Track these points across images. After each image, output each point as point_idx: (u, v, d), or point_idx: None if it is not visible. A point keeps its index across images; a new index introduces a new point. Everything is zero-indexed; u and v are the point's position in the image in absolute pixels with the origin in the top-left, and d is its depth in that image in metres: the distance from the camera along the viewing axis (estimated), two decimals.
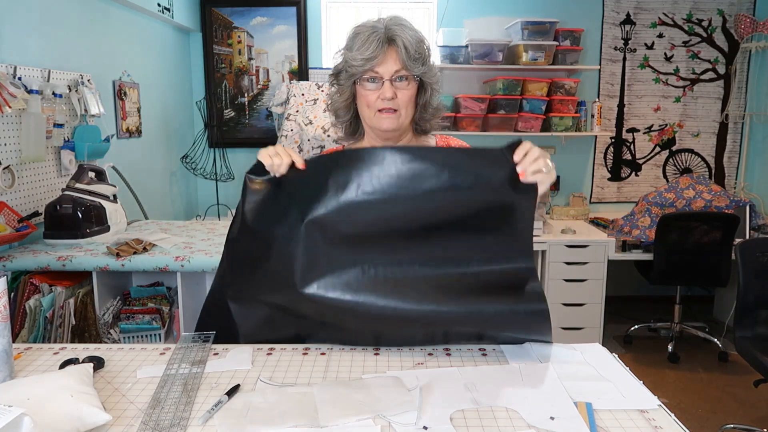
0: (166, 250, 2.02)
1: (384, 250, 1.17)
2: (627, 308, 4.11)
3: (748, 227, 3.39)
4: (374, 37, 1.25)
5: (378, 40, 1.25)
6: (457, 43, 3.66)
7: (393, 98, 1.28)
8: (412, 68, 1.27)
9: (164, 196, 3.49)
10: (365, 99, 1.30)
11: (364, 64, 1.25)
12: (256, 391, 1.06)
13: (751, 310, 2.48)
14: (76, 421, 0.90)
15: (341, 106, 1.37)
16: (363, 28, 1.28)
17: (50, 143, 2.22)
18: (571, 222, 3.75)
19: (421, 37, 1.30)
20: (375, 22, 1.29)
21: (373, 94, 1.29)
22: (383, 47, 1.25)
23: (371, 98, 1.29)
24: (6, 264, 1.88)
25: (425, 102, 1.34)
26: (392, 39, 1.26)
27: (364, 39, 1.25)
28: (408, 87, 1.29)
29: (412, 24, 1.31)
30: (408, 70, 1.27)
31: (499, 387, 1.08)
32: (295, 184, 1.20)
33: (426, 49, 1.31)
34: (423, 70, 1.30)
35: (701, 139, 4.10)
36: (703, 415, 2.79)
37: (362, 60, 1.25)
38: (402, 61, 1.26)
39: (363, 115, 1.35)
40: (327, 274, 1.17)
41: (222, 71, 3.93)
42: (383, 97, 1.27)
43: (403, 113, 1.31)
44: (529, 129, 3.73)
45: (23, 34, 2.11)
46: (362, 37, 1.26)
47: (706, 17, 3.94)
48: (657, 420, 0.97)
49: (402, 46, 1.25)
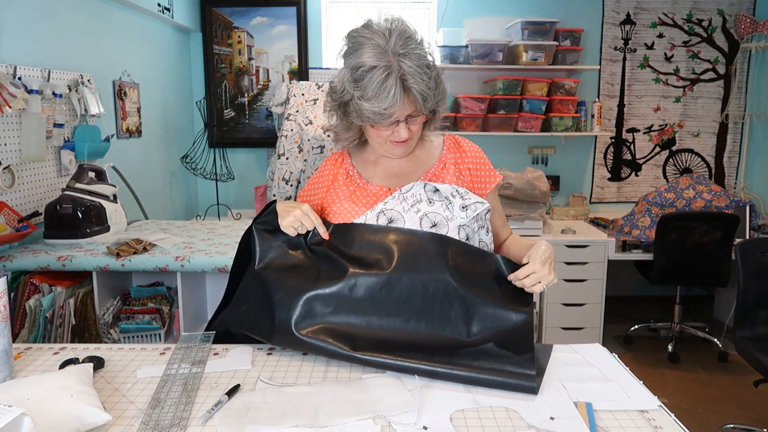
0: (166, 250, 2.02)
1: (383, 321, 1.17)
2: (627, 308, 4.11)
3: (748, 227, 3.39)
4: (389, 85, 1.15)
5: (393, 92, 1.16)
6: (457, 43, 3.66)
7: (408, 135, 1.26)
8: (427, 109, 1.24)
9: (164, 196, 3.49)
10: (377, 133, 1.28)
11: (381, 118, 1.20)
12: (256, 391, 1.06)
13: (751, 310, 2.48)
14: (76, 421, 0.90)
15: (345, 136, 1.35)
16: (370, 66, 1.16)
17: (50, 143, 2.22)
18: (571, 222, 3.76)
19: (428, 59, 1.21)
20: (379, 49, 1.17)
21: (386, 131, 1.26)
22: (399, 97, 1.17)
23: (384, 134, 1.27)
24: (6, 264, 1.88)
25: (435, 121, 1.35)
26: (408, 88, 1.18)
27: (376, 88, 1.16)
28: (420, 120, 1.28)
29: (413, 29, 1.22)
30: (421, 112, 1.24)
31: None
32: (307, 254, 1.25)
33: (435, 74, 1.23)
34: (436, 101, 1.25)
35: (701, 139, 4.10)
36: (703, 415, 2.79)
37: (379, 114, 1.19)
38: (418, 107, 1.22)
39: (372, 142, 1.33)
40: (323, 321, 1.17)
41: (222, 71, 3.93)
42: (398, 135, 1.25)
43: (414, 139, 1.31)
44: (529, 129, 3.74)
45: (23, 34, 2.11)
46: (374, 84, 1.16)
47: (706, 17, 3.95)
48: (657, 420, 0.97)
49: (418, 95, 1.19)
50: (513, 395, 1.04)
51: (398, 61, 1.17)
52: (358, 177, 1.37)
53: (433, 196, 1.29)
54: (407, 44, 1.18)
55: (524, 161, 4.04)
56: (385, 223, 1.27)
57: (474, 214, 1.27)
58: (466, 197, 1.29)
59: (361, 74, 1.18)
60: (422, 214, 1.26)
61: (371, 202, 1.32)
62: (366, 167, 1.39)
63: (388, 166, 1.38)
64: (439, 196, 1.29)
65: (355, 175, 1.38)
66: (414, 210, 1.27)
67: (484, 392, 1.05)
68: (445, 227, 1.26)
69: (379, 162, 1.38)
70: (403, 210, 1.27)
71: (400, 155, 1.33)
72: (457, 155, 1.38)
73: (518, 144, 4.03)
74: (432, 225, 1.26)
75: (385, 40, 1.18)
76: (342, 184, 1.37)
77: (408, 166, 1.37)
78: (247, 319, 1.26)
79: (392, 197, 1.29)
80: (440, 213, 1.27)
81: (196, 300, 2.16)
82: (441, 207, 1.27)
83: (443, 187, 1.29)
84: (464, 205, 1.27)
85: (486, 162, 1.41)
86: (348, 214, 1.32)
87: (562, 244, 3.31)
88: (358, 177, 1.37)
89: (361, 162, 1.40)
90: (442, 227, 1.26)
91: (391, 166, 1.37)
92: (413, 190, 1.30)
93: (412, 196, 1.29)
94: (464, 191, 1.30)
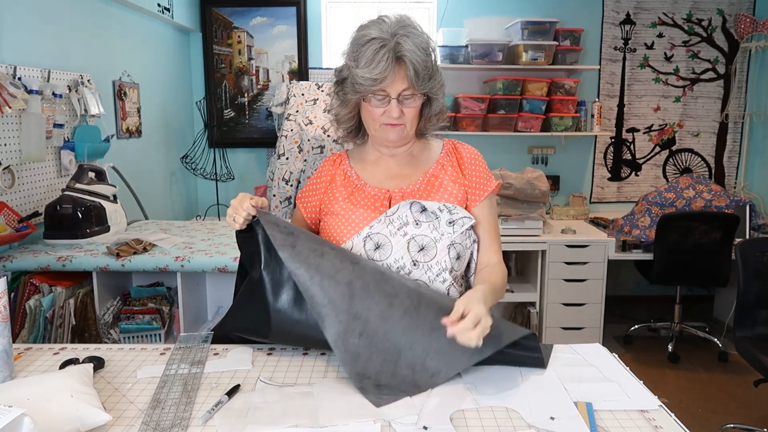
0: (166, 250, 2.02)
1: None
2: (627, 308, 4.11)
3: (748, 227, 3.39)
4: (382, 53, 1.19)
5: (386, 59, 1.19)
6: (457, 43, 3.66)
7: (400, 116, 1.26)
8: (419, 87, 1.24)
9: (164, 196, 3.49)
10: (371, 114, 1.28)
11: (371, 84, 1.21)
12: (256, 391, 1.06)
13: (751, 310, 2.47)
14: (76, 421, 0.90)
15: (344, 118, 1.35)
16: (369, 38, 1.21)
17: (50, 143, 2.22)
18: (571, 222, 3.76)
19: (428, 45, 1.25)
20: (381, 28, 1.22)
21: (380, 110, 1.26)
22: (391, 66, 1.20)
23: (377, 113, 1.27)
24: (6, 264, 1.88)
25: (430, 114, 1.33)
26: (400, 57, 1.20)
27: (371, 55, 1.20)
28: (414, 103, 1.27)
29: (418, 25, 1.27)
30: (415, 89, 1.24)
31: (499, 387, 1.08)
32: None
33: (433, 60, 1.26)
34: (430, 85, 1.26)
35: (701, 138, 4.10)
36: (703, 415, 2.79)
37: (370, 80, 1.21)
38: (410, 81, 1.22)
39: (368, 126, 1.33)
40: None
41: (222, 71, 3.93)
42: (390, 114, 1.25)
43: (408, 126, 1.29)
44: (529, 129, 3.74)
45: (23, 34, 2.11)
46: (369, 52, 1.20)
47: (706, 17, 3.94)
48: (657, 420, 0.97)
49: (411, 66, 1.21)
50: (513, 395, 1.04)
51: (396, 38, 1.21)
52: (356, 178, 1.36)
53: (420, 217, 1.26)
54: (407, 28, 1.23)
55: (524, 161, 4.04)
56: (372, 248, 1.26)
57: (462, 229, 1.25)
58: (453, 212, 1.27)
59: (358, 46, 1.23)
60: (409, 237, 1.25)
61: (369, 203, 1.31)
62: (365, 168, 1.38)
63: (387, 167, 1.37)
64: (426, 216, 1.26)
65: (353, 176, 1.37)
66: (401, 233, 1.25)
67: (484, 392, 1.05)
68: (434, 249, 1.24)
69: (378, 163, 1.37)
70: (390, 233, 1.25)
71: (393, 141, 1.31)
72: (455, 159, 1.37)
73: (518, 144, 4.03)
74: (420, 249, 1.24)
75: (388, 25, 1.23)
76: (340, 185, 1.37)
77: (406, 167, 1.36)
78: (243, 323, 1.27)
79: (378, 221, 1.27)
80: (428, 235, 1.24)
81: (196, 300, 2.16)
82: (428, 228, 1.25)
83: (430, 204, 1.27)
84: (451, 220, 1.25)
85: (483, 168, 1.37)
86: (346, 215, 1.31)
87: (562, 244, 3.31)
88: (356, 178, 1.36)
89: (360, 163, 1.40)
90: (430, 249, 1.24)
91: (390, 167, 1.36)
92: (399, 212, 1.27)
93: (399, 218, 1.27)
94: (452, 206, 1.28)
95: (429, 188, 1.32)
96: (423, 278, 1.24)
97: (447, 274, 1.24)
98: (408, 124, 1.28)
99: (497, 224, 1.38)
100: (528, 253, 3.53)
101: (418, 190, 1.31)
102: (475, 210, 1.33)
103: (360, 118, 1.35)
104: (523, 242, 3.31)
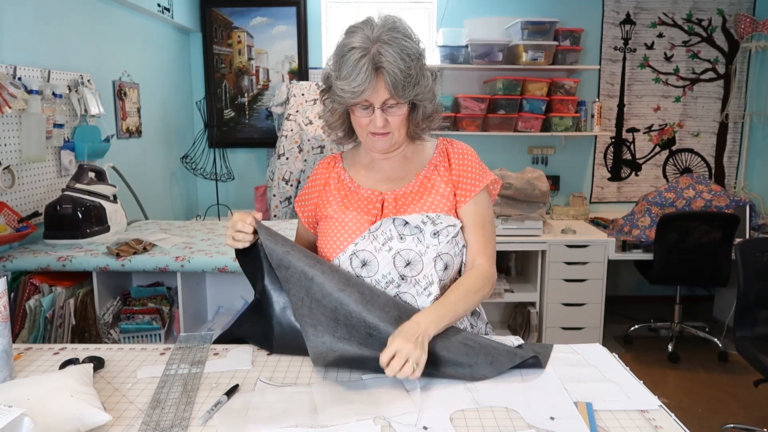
0: (166, 250, 2.02)
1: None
2: (627, 308, 4.11)
3: (748, 227, 3.39)
4: (362, 64, 1.16)
5: (365, 69, 1.16)
6: (457, 43, 3.65)
7: (385, 125, 1.24)
8: (401, 96, 1.21)
9: (164, 196, 3.49)
10: (357, 122, 1.27)
11: (352, 96, 1.19)
12: (256, 391, 1.06)
13: (751, 310, 2.47)
14: (76, 421, 0.91)
15: (334, 124, 1.34)
16: (350, 47, 1.18)
17: (50, 143, 2.22)
18: (571, 222, 3.75)
19: (410, 53, 1.20)
20: (365, 34, 1.19)
21: (365, 119, 1.25)
22: (371, 77, 1.17)
23: (363, 122, 1.25)
24: (6, 264, 1.88)
25: (417, 120, 1.30)
26: (379, 67, 1.17)
27: (351, 66, 1.17)
28: (399, 111, 1.24)
29: (407, 27, 1.23)
30: (397, 99, 1.21)
31: (499, 387, 1.08)
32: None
33: (418, 67, 1.22)
34: (414, 92, 1.22)
35: (701, 138, 4.10)
36: (703, 415, 2.79)
37: (350, 92, 1.18)
38: (390, 92, 1.20)
39: (357, 133, 1.32)
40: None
41: (222, 71, 3.93)
42: (375, 124, 1.24)
43: (396, 134, 1.27)
44: (529, 129, 3.74)
45: (23, 34, 2.11)
46: (350, 62, 1.17)
47: (706, 17, 3.94)
48: (657, 420, 0.97)
49: (389, 77, 1.17)
50: (513, 395, 1.04)
51: (378, 47, 1.18)
52: (349, 181, 1.36)
53: (404, 231, 1.25)
54: (392, 34, 1.19)
55: (524, 161, 4.04)
56: (359, 265, 1.25)
57: (447, 238, 1.24)
58: (437, 222, 1.25)
59: (339, 56, 1.21)
60: (395, 252, 1.24)
61: (362, 206, 1.30)
62: (358, 171, 1.37)
63: (380, 170, 1.35)
64: (409, 230, 1.25)
65: (346, 179, 1.36)
66: (386, 249, 1.24)
67: (484, 392, 1.05)
68: (420, 263, 1.23)
69: (372, 166, 1.36)
70: (375, 250, 1.25)
71: (381, 149, 1.30)
72: (447, 157, 1.35)
73: (518, 144, 4.03)
74: (406, 264, 1.23)
75: (372, 29, 1.20)
76: (333, 188, 1.36)
77: (399, 169, 1.35)
78: (248, 333, 1.31)
79: (362, 237, 1.26)
80: (413, 249, 1.23)
81: (196, 300, 2.16)
82: (413, 242, 1.24)
83: (412, 218, 1.26)
84: (435, 231, 1.24)
85: (472, 165, 1.33)
86: (339, 218, 1.31)
87: (562, 244, 3.31)
88: (350, 181, 1.36)
89: (353, 166, 1.39)
90: (417, 264, 1.23)
91: (383, 169, 1.35)
92: (382, 227, 1.26)
93: (383, 233, 1.26)
94: (435, 216, 1.26)
95: (422, 190, 1.30)
96: (411, 291, 1.24)
97: (434, 287, 1.24)
98: (395, 132, 1.27)
99: (489, 221, 1.34)
100: (528, 253, 3.53)
101: (411, 193, 1.30)
102: (465, 208, 1.30)
103: (351, 122, 1.34)
104: (523, 242, 3.31)
